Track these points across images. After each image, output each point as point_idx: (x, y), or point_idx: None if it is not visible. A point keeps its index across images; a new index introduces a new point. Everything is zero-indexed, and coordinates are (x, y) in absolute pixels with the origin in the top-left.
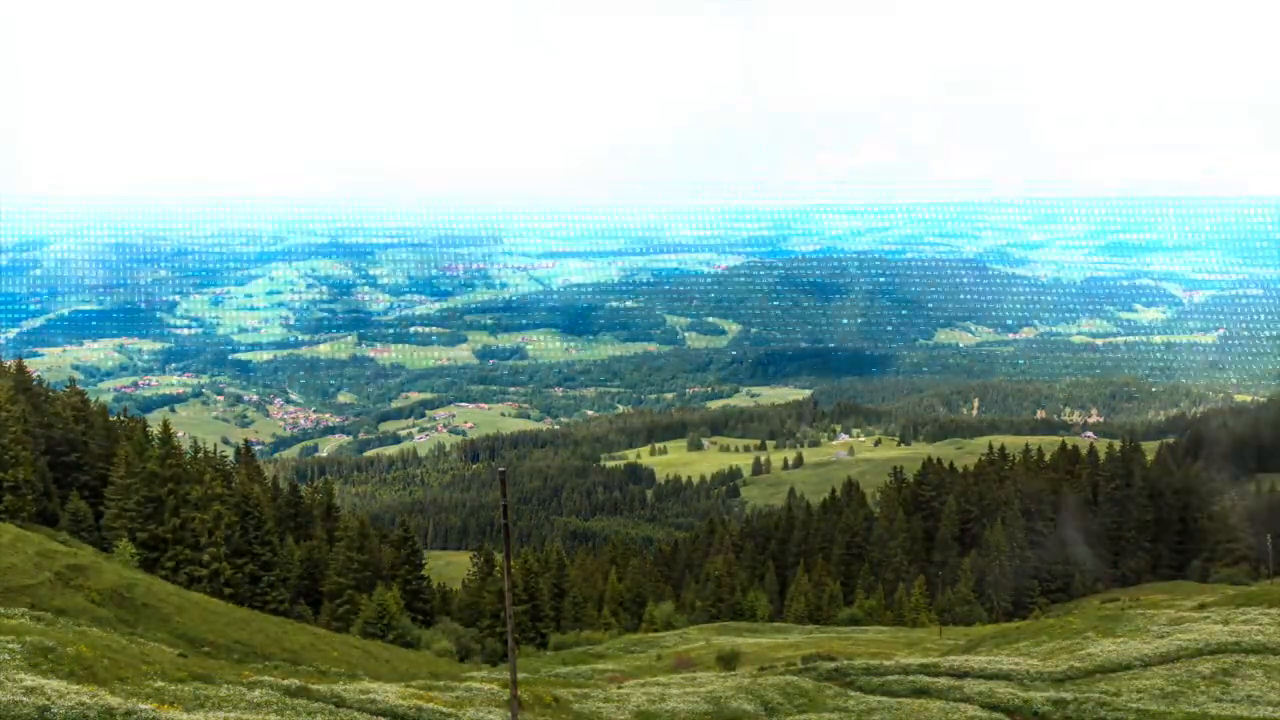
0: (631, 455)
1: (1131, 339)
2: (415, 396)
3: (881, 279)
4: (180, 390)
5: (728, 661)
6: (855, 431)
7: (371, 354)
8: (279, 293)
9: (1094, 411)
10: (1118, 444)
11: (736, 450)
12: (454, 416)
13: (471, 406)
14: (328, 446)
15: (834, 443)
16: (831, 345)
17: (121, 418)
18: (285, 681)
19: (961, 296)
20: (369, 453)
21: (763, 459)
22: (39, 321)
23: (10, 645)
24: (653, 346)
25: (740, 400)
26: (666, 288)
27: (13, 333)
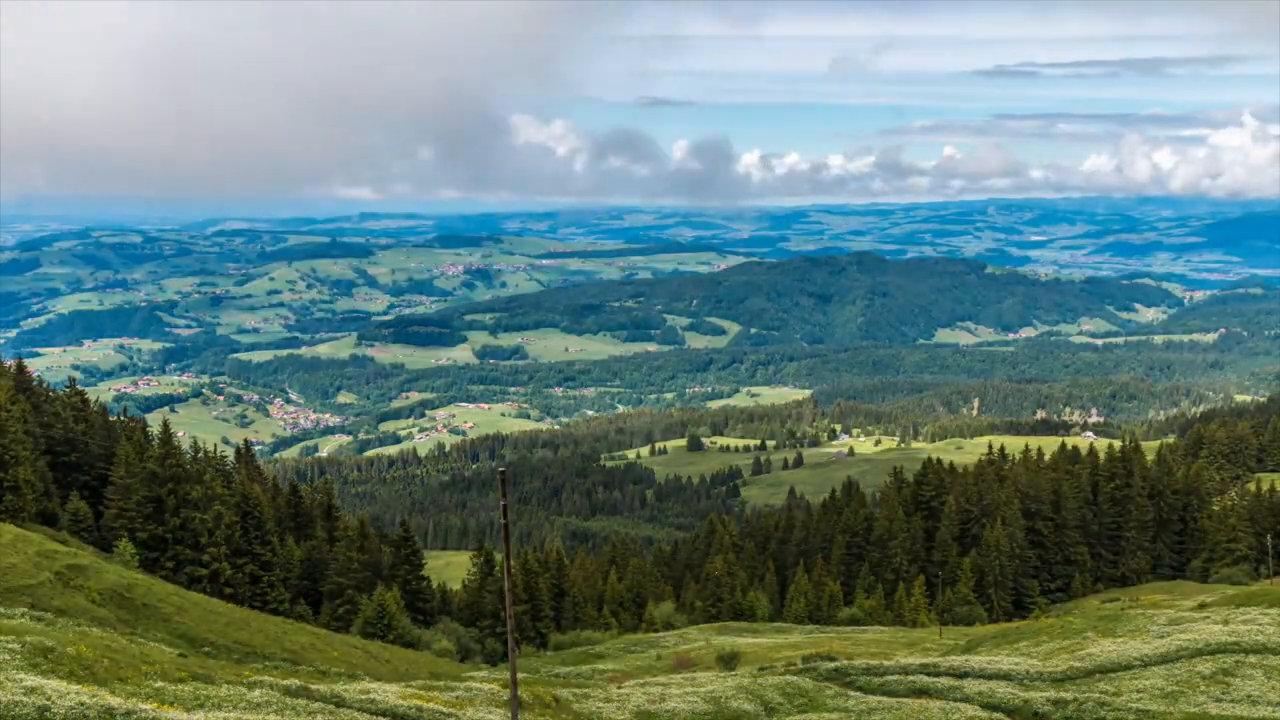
0: (631, 455)
1: (1132, 339)
2: (415, 396)
3: (881, 279)
4: (180, 390)
5: (728, 661)
6: (855, 431)
7: (371, 354)
8: (279, 293)
9: (1094, 411)
10: (1118, 444)
11: (736, 450)
12: (454, 416)
13: (471, 406)
14: (328, 446)
15: (834, 443)
16: (831, 345)
17: (121, 418)
18: (285, 681)
19: (961, 296)
20: (369, 453)
21: (763, 459)
22: (39, 321)
23: (10, 645)
24: (653, 346)
25: (740, 400)
26: (666, 288)
27: (13, 333)
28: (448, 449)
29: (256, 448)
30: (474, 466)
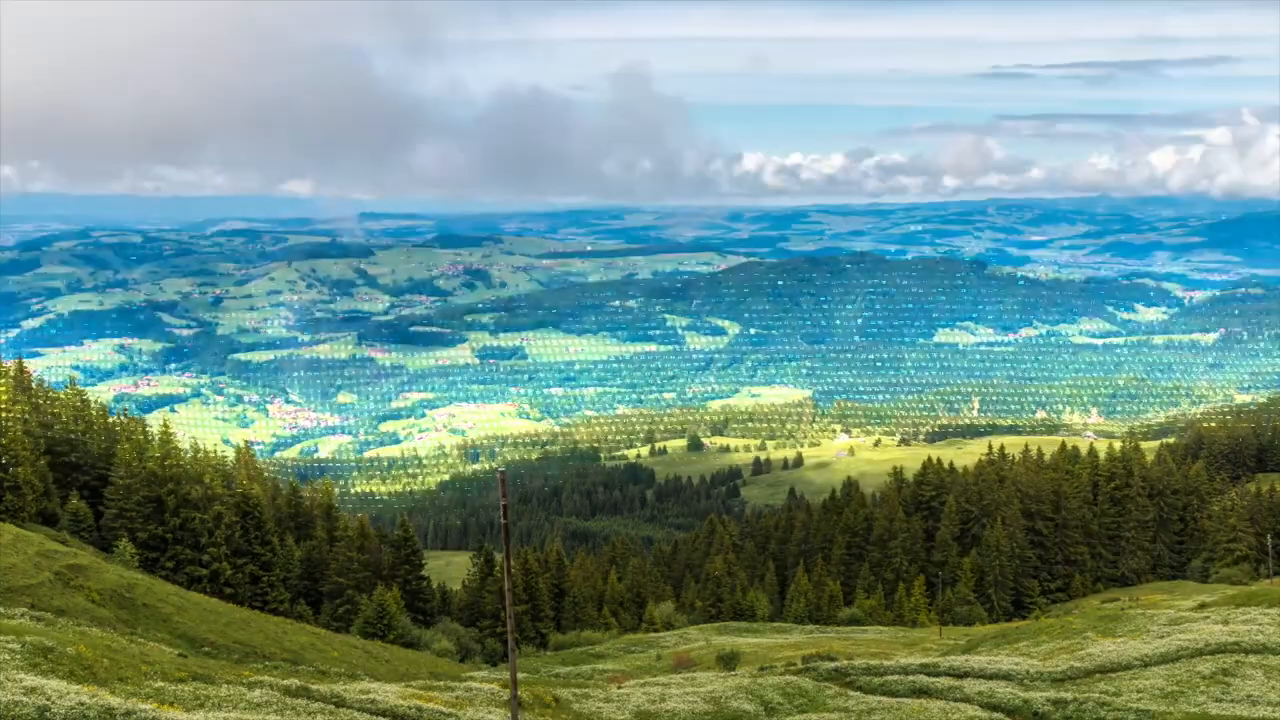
0: (631, 455)
1: (1132, 339)
2: (415, 396)
3: (881, 279)
4: (180, 390)
5: (728, 661)
6: (855, 431)
7: (371, 354)
8: (279, 293)
9: (1094, 411)
10: (1118, 444)
11: (736, 450)
12: (454, 416)
13: (471, 406)
14: (328, 446)
15: (834, 443)
16: (831, 345)
17: (121, 418)
18: (285, 681)
19: (961, 296)
20: (369, 453)
21: (763, 459)
22: (39, 321)
23: (10, 645)
24: (653, 346)
25: (740, 400)
26: (666, 288)
27: (13, 333)
28: (448, 449)
29: (256, 448)
30: (474, 466)
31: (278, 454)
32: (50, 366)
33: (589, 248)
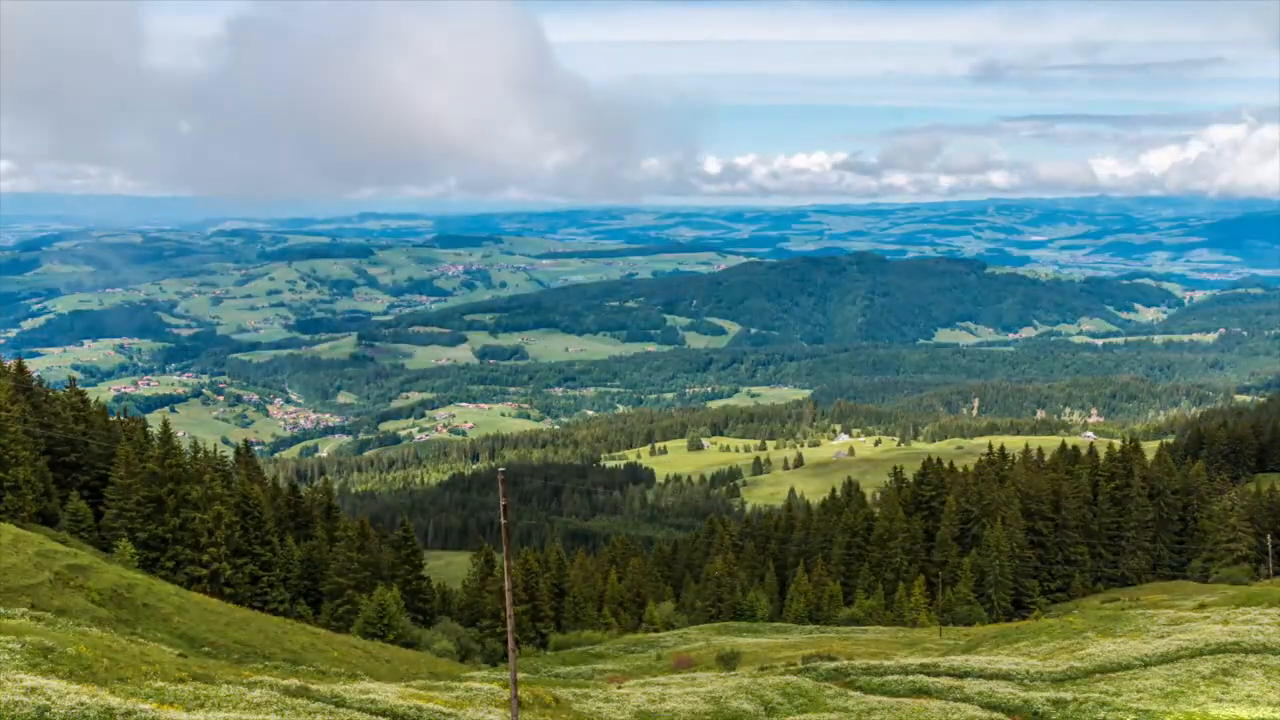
0: (631, 455)
1: (1132, 339)
2: (415, 396)
3: (881, 279)
4: (180, 390)
5: (728, 661)
6: (855, 431)
7: (371, 354)
8: (279, 293)
9: (1094, 411)
10: (1118, 444)
11: (736, 450)
12: (454, 416)
13: (471, 406)
14: (328, 446)
15: (834, 443)
16: (831, 345)
17: (121, 418)
18: (285, 681)
19: (961, 296)
20: (369, 453)
21: (763, 459)
22: (39, 321)
23: (10, 645)
24: (653, 346)
25: (740, 400)
26: (666, 288)
27: (13, 333)
28: (448, 449)
29: (256, 448)
30: (474, 466)
31: (278, 454)
32: (50, 366)
33: (589, 248)
